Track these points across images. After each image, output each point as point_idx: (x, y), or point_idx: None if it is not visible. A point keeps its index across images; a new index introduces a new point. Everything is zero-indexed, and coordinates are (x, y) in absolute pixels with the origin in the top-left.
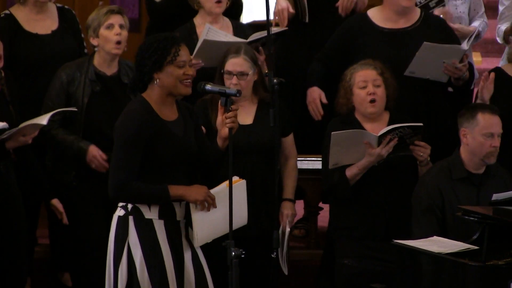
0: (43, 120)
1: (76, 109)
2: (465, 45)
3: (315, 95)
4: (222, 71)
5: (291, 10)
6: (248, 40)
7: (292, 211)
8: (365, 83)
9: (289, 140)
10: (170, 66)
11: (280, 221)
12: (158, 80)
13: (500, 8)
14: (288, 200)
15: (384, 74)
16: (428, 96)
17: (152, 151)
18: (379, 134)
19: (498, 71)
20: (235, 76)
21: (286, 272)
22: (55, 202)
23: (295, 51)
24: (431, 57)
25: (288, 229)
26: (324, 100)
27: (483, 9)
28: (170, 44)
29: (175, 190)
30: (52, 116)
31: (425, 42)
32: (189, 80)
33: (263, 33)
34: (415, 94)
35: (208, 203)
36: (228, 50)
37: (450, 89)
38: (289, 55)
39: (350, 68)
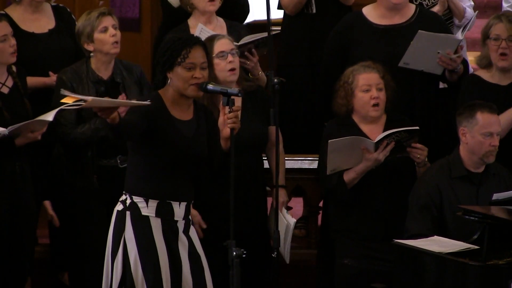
0: (49, 116)
1: (84, 102)
2: (459, 35)
3: None
4: (212, 56)
5: None
6: (239, 43)
7: (285, 197)
8: (369, 86)
9: (274, 127)
10: (179, 68)
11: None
12: (170, 80)
13: (504, 5)
14: (280, 186)
15: (385, 77)
16: (423, 94)
17: (155, 146)
18: (375, 141)
19: (474, 78)
20: (229, 54)
21: (287, 261)
22: (47, 204)
23: (301, 43)
24: (426, 47)
25: (293, 222)
26: None
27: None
28: (182, 45)
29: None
30: (58, 113)
31: (419, 31)
32: (198, 83)
33: (255, 36)
34: (411, 92)
35: None
36: (208, 39)
37: (442, 85)
38: (295, 47)
39: (350, 69)
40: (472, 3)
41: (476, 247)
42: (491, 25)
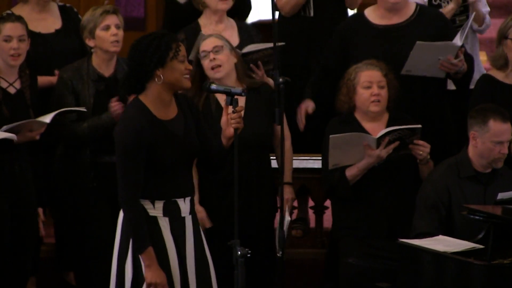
0: (47, 118)
1: (85, 109)
2: (458, 41)
3: (302, 106)
4: (198, 57)
5: (310, 111)
6: (243, 51)
7: (292, 195)
8: (370, 83)
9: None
10: (173, 62)
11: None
12: (161, 77)
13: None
14: (286, 183)
15: (388, 76)
16: (425, 93)
17: (153, 153)
18: (377, 137)
19: (488, 78)
20: (211, 52)
21: (279, 254)
22: (40, 211)
23: (299, 45)
24: (426, 55)
25: (288, 218)
26: (310, 111)
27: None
28: (171, 40)
29: (149, 255)
30: (58, 115)
31: (417, 42)
32: (189, 74)
33: (259, 46)
34: (412, 92)
35: None
36: (198, 40)
37: (449, 87)
38: (292, 48)
39: (353, 66)
40: (488, 9)
41: (481, 246)
42: (510, 25)
